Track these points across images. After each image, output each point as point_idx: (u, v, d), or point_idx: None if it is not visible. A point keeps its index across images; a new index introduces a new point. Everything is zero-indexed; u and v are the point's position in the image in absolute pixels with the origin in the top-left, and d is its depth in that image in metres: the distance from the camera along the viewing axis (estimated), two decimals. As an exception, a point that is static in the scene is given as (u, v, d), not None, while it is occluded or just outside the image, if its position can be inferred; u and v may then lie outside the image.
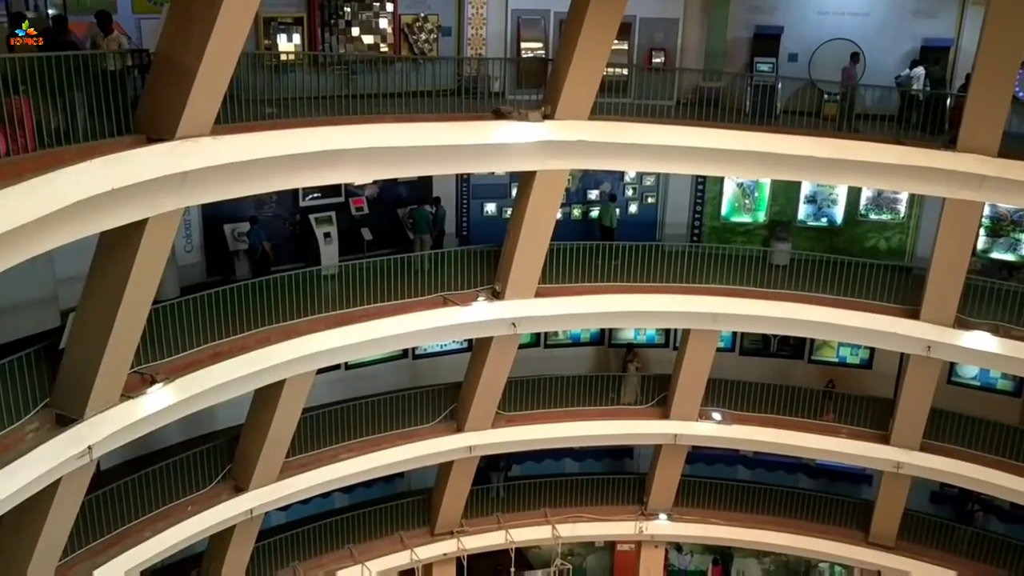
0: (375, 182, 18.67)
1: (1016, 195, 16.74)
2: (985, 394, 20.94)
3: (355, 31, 17.77)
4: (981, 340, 17.42)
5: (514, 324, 17.99)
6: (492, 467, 21.39)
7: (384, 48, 18.10)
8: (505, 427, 19.57)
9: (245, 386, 15.86)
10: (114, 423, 13.58)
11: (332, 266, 17.49)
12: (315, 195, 18.75)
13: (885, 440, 19.55)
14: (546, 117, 15.96)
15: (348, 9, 17.57)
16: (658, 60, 19.22)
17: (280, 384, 16.35)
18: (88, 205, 11.15)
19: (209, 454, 17.17)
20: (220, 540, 17.87)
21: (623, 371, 20.63)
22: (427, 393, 19.70)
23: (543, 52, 18.72)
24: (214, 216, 17.56)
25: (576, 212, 21.01)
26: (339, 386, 19.52)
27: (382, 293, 16.87)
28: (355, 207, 19.11)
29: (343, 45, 17.58)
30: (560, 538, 21.07)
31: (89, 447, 13.37)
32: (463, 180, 20.11)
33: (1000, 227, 19.87)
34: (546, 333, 21.45)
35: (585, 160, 17.12)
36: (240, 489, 17.19)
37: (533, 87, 17.15)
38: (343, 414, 18.51)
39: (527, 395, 19.97)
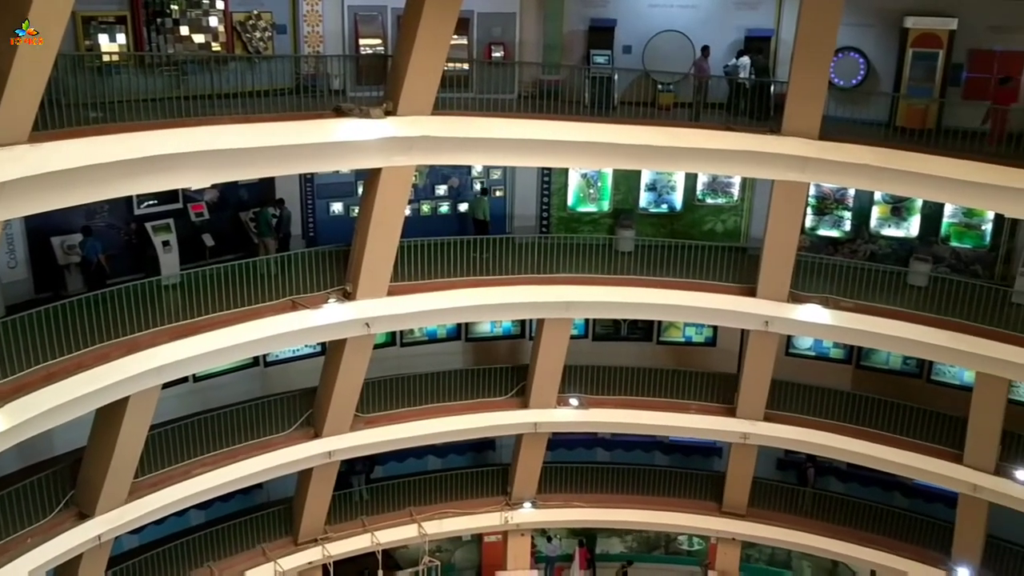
0: (214, 186, 18.05)
1: (837, 175, 17.83)
2: (820, 363, 22.21)
3: (184, 30, 17.04)
4: (813, 313, 18.49)
5: (367, 324, 17.80)
6: (352, 471, 21.11)
7: (216, 47, 17.47)
8: (365, 429, 19.33)
9: (84, 406, 15.02)
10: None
11: (173, 275, 16.82)
12: (151, 202, 17.93)
13: (731, 413, 20.49)
14: (388, 113, 15.84)
15: (175, 7, 16.84)
16: (498, 54, 19.39)
17: (123, 402, 15.59)
18: None
19: (48, 481, 16.18)
20: (67, 570, 16.89)
21: None
22: (281, 400, 19.24)
23: (382, 48, 18.56)
24: (40, 229, 16.51)
25: (444, 207, 21.00)
26: (188, 399, 18.80)
27: (228, 300, 16.35)
28: (194, 213, 18.40)
29: (171, 45, 16.85)
30: (427, 535, 21.02)
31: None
32: (307, 180, 19.70)
33: (825, 205, 21.10)
34: (402, 331, 21.32)
35: (430, 155, 17.08)
36: (85, 515, 16.29)
37: (374, 84, 16.98)
38: (194, 428, 17.83)
39: (385, 395, 19.83)
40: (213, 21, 17.40)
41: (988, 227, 19.99)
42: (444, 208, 21.06)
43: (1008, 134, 16.85)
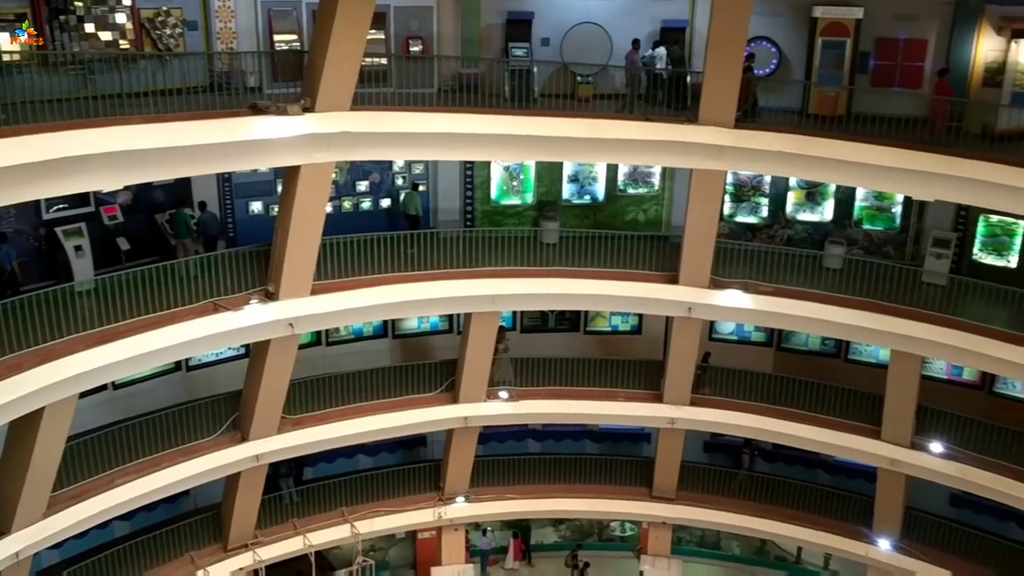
0: (127, 188, 17.54)
1: (753, 162, 18.21)
2: (743, 347, 22.73)
3: (89, 27, 16.52)
4: (734, 298, 18.87)
5: (291, 324, 17.54)
6: (278, 474, 20.80)
7: (124, 45, 16.98)
8: (293, 431, 19.07)
9: (-4, 419, 14.49)
10: None
11: (87, 281, 16.30)
12: (60, 206, 17.34)
13: (659, 399, 20.79)
14: (306, 110, 15.63)
15: (79, 3, 16.29)
16: (416, 48, 19.28)
17: (38, 413, 15.06)
18: None
19: (-40, 499, 15.59)
20: (-17, 591, 16.29)
21: (494, 353, 20.52)
22: (206, 405, 18.88)
23: (298, 44, 18.27)
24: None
25: (366, 204, 20.80)
26: (108, 407, 18.32)
27: (146, 305, 15.95)
28: (107, 216, 17.87)
29: (77, 43, 16.30)
30: (360, 535, 20.85)
31: None
32: (224, 179, 19.31)
33: (742, 193, 21.56)
34: (327, 330, 21.07)
35: (350, 151, 16.90)
36: (1, 532, 15.71)
37: (290, 80, 16.73)
38: (115, 437, 17.36)
39: (313, 396, 19.60)
40: (120, 18, 16.90)
41: (898, 209, 20.68)
42: (366, 204, 20.88)
43: (917, 120, 17.29)
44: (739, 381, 20.95)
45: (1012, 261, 19.50)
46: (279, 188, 18.42)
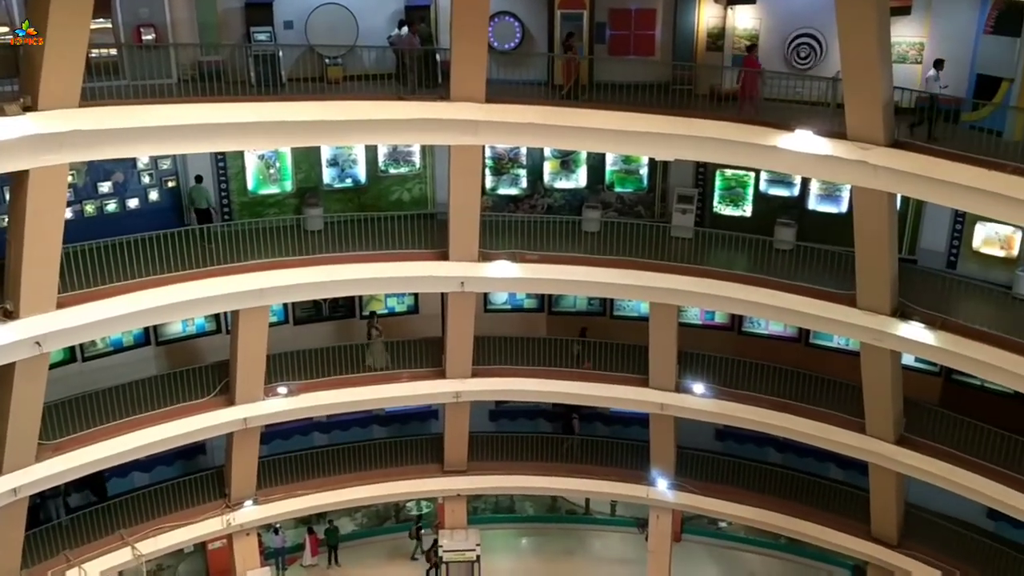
0: None
1: (507, 135, 18.71)
2: (517, 314, 23.40)
3: None
4: (503, 268, 19.35)
5: (38, 343, 16.16)
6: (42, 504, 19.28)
7: None
8: (54, 458, 17.65)
9: None
10: None
11: None
12: None
13: (442, 375, 21.03)
14: (27, 109, 14.33)
15: None
16: (148, 37, 18.12)
17: None
18: None
19: None
20: None
21: (367, 338, 19.80)
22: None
23: (8, 36, 16.64)
24: None
25: (112, 206, 19.43)
26: None
27: None
28: None
29: None
30: (142, 556, 19.70)
31: None
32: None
33: (501, 166, 22.06)
34: (81, 345, 19.59)
35: (84, 151, 15.67)
36: None
37: (5, 77, 15.23)
38: None
39: (72, 417, 18.29)
40: None
41: (645, 171, 21.91)
42: (112, 206, 19.49)
43: (652, 85, 18.32)
44: (516, 348, 21.56)
45: (747, 211, 21.26)
46: (7, 195, 16.77)
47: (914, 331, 17.21)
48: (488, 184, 21.65)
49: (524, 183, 22.12)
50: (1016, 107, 16.87)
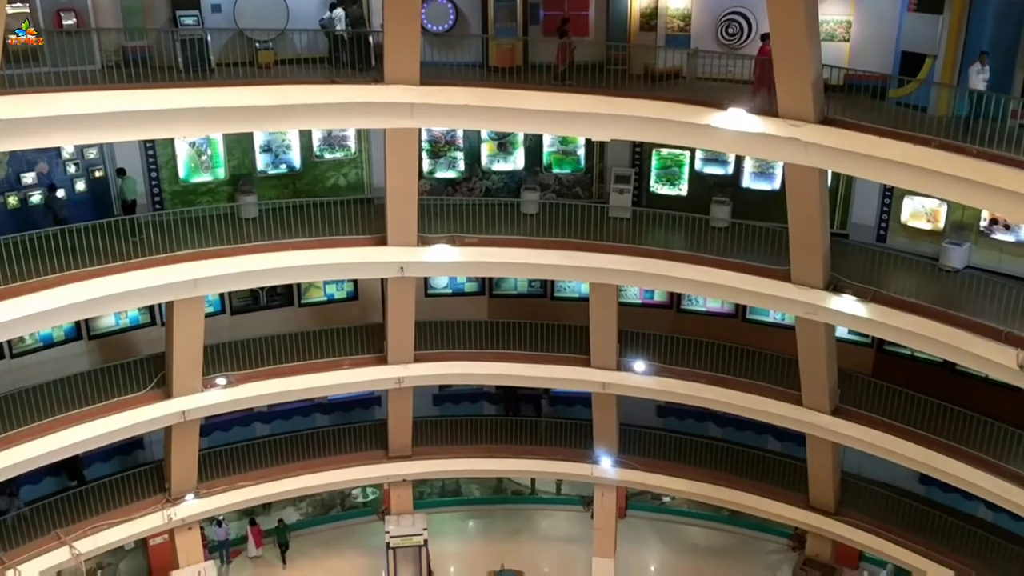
0: None
1: (442, 117, 18.55)
2: (458, 298, 23.33)
3: None
4: (442, 252, 19.27)
5: (-38, 341, 15.67)
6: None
7: None
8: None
9: None
10: None
11: None
12: None
13: (384, 361, 20.90)
14: (-60, 98, 13.82)
15: None
16: (69, 22, 17.51)
17: None
18: None
19: None
20: None
21: None
22: None
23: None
24: None
25: (36, 197, 18.80)
26: None
27: None
28: None
29: None
30: (81, 555, 19.29)
31: None
32: None
33: (438, 148, 21.92)
34: (9, 341, 19.01)
35: (4, 141, 15.15)
36: None
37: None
38: None
39: (1, 417, 17.69)
40: None
41: (582, 152, 21.98)
42: (36, 198, 18.89)
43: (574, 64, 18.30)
44: (458, 332, 21.54)
45: (683, 189, 21.47)
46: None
47: (847, 304, 17.57)
48: (425, 167, 21.51)
49: (461, 166, 22.03)
50: (940, 83, 17.27)
